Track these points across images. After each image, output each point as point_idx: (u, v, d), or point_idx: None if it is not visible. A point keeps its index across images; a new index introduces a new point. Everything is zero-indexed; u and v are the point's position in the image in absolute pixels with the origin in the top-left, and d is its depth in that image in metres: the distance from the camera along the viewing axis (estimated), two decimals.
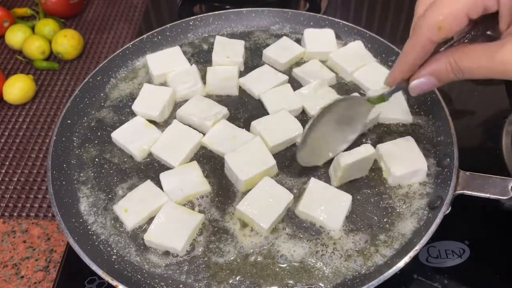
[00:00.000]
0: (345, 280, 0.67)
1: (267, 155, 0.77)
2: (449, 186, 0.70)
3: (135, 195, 0.75)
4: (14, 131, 1.05)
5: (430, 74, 0.55)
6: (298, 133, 0.82)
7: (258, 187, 0.73)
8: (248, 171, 0.75)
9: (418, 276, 0.72)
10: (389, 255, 0.69)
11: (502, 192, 0.67)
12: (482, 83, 1.04)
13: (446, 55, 0.53)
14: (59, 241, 0.85)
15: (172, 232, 0.70)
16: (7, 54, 1.23)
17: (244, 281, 0.67)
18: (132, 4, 1.40)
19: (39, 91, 1.13)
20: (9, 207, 0.91)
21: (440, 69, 0.54)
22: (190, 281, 0.68)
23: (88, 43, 1.27)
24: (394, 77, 0.59)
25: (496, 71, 0.49)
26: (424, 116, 0.86)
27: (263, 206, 0.71)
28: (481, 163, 0.86)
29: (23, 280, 0.80)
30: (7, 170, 0.97)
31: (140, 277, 0.68)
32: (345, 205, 0.72)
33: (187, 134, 0.83)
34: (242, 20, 1.07)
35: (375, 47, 0.98)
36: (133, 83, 0.97)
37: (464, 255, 0.74)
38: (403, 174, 0.75)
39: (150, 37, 1.02)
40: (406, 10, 1.29)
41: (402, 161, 0.76)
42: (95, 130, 0.88)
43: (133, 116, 0.88)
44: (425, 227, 0.69)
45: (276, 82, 0.92)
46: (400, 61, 0.57)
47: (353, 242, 0.70)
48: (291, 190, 0.75)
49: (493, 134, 0.92)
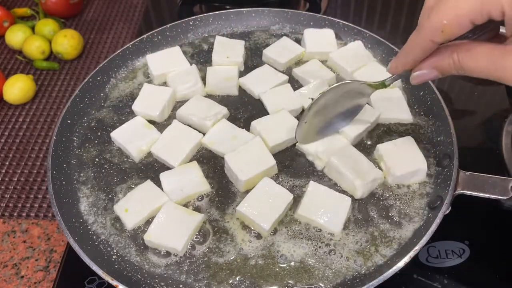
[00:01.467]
0: (345, 280, 0.67)
1: (267, 155, 0.77)
2: (449, 186, 0.70)
3: (135, 195, 0.75)
4: (14, 131, 1.05)
5: (433, 67, 0.56)
6: None
7: (258, 188, 0.73)
8: (248, 171, 0.75)
9: (418, 276, 0.72)
10: (389, 255, 0.69)
11: (502, 192, 0.67)
12: (482, 83, 1.04)
13: (450, 50, 0.54)
14: (59, 241, 0.85)
15: (172, 232, 0.70)
16: (7, 54, 1.23)
17: (244, 281, 0.67)
18: (132, 4, 1.40)
19: (39, 91, 1.13)
20: (9, 207, 0.91)
21: (443, 63, 0.54)
22: (190, 281, 0.68)
23: (88, 43, 1.27)
24: (396, 67, 0.61)
25: (495, 75, 0.50)
26: (424, 116, 0.86)
27: (263, 206, 0.71)
28: (481, 163, 0.86)
29: (23, 280, 0.80)
30: (7, 170, 0.98)
31: (140, 277, 0.68)
32: (345, 208, 0.72)
33: (187, 134, 0.83)
34: (242, 20, 1.07)
35: (375, 47, 0.98)
36: (133, 83, 0.97)
37: (464, 255, 0.74)
38: (403, 174, 0.75)
39: (150, 37, 1.02)
40: (406, 10, 1.29)
41: (402, 161, 0.76)
42: (95, 130, 0.88)
43: (133, 116, 0.88)
44: (425, 227, 0.69)
45: (276, 82, 0.92)
46: (402, 54, 0.58)
47: (353, 242, 0.70)
48: (291, 190, 0.75)
49: (493, 134, 0.92)
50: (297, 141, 0.80)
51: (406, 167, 0.75)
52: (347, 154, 0.76)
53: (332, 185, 0.77)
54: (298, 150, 0.82)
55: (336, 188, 0.76)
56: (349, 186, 0.75)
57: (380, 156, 0.78)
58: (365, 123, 0.82)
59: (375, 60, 0.95)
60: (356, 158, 0.76)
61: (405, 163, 0.75)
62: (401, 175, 0.75)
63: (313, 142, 0.80)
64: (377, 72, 0.92)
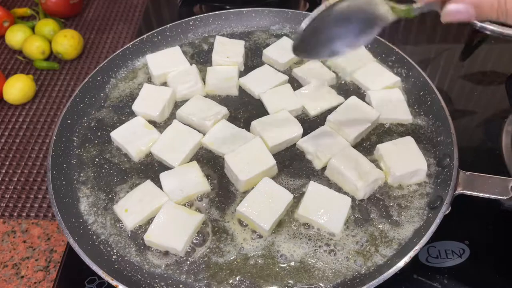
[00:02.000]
0: (345, 280, 0.67)
1: (267, 155, 0.77)
2: (449, 186, 0.70)
3: (135, 195, 0.75)
4: (14, 131, 1.05)
5: (473, 3, 0.50)
6: (298, 134, 0.82)
7: (258, 188, 0.73)
8: (248, 171, 0.75)
9: (418, 276, 0.72)
10: (389, 255, 0.69)
11: (502, 192, 0.67)
12: (482, 83, 1.04)
13: None
14: (59, 241, 0.85)
15: (172, 232, 0.70)
16: (7, 54, 1.23)
17: (244, 281, 0.67)
18: (132, 4, 1.40)
19: (39, 91, 1.13)
20: (9, 207, 0.91)
21: (486, 2, 0.49)
22: (190, 281, 0.68)
23: (88, 43, 1.27)
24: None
25: None
26: (424, 116, 0.86)
27: (263, 207, 0.71)
28: (481, 163, 0.86)
29: (23, 280, 0.80)
30: (7, 170, 0.98)
31: (140, 277, 0.68)
32: (345, 208, 0.72)
33: (187, 134, 0.83)
34: (242, 20, 1.07)
35: (375, 47, 0.98)
36: (133, 83, 0.97)
37: (464, 255, 0.74)
38: (403, 174, 0.75)
39: (150, 37, 1.02)
40: None
41: (402, 161, 0.76)
42: (95, 130, 0.88)
43: (133, 116, 0.88)
44: (425, 227, 0.69)
45: (276, 82, 0.92)
46: None
47: (353, 242, 0.70)
48: (291, 190, 0.75)
49: (493, 134, 0.92)
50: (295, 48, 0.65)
51: (406, 167, 0.75)
52: (347, 155, 0.76)
53: (332, 185, 0.77)
54: (298, 150, 0.82)
55: (336, 187, 0.76)
56: (350, 187, 0.75)
57: (380, 156, 0.78)
58: (365, 123, 0.82)
59: (375, 60, 0.95)
60: (356, 159, 0.76)
61: (405, 163, 0.75)
62: (401, 175, 0.75)
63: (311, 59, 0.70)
64: (377, 72, 0.92)
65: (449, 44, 1.15)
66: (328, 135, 0.82)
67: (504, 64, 1.09)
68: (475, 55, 1.12)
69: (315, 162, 0.80)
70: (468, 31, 1.16)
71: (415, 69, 0.90)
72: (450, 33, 1.17)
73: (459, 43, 1.15)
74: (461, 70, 1.08)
